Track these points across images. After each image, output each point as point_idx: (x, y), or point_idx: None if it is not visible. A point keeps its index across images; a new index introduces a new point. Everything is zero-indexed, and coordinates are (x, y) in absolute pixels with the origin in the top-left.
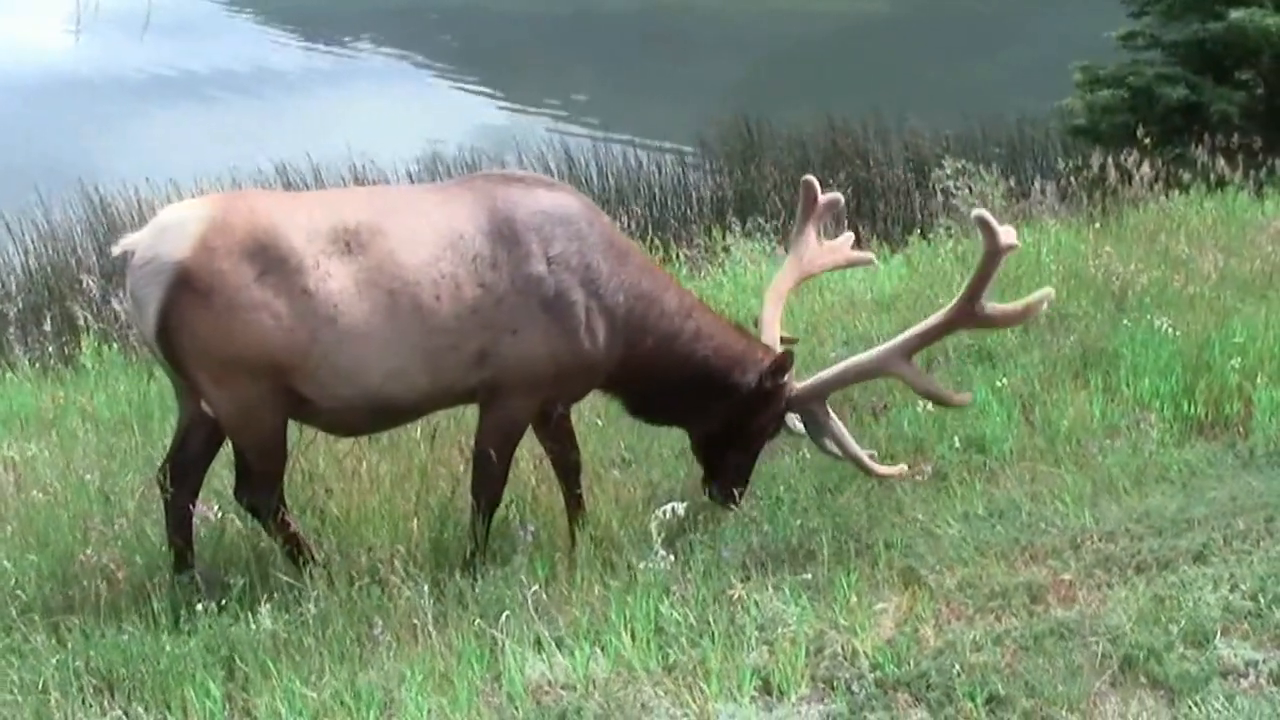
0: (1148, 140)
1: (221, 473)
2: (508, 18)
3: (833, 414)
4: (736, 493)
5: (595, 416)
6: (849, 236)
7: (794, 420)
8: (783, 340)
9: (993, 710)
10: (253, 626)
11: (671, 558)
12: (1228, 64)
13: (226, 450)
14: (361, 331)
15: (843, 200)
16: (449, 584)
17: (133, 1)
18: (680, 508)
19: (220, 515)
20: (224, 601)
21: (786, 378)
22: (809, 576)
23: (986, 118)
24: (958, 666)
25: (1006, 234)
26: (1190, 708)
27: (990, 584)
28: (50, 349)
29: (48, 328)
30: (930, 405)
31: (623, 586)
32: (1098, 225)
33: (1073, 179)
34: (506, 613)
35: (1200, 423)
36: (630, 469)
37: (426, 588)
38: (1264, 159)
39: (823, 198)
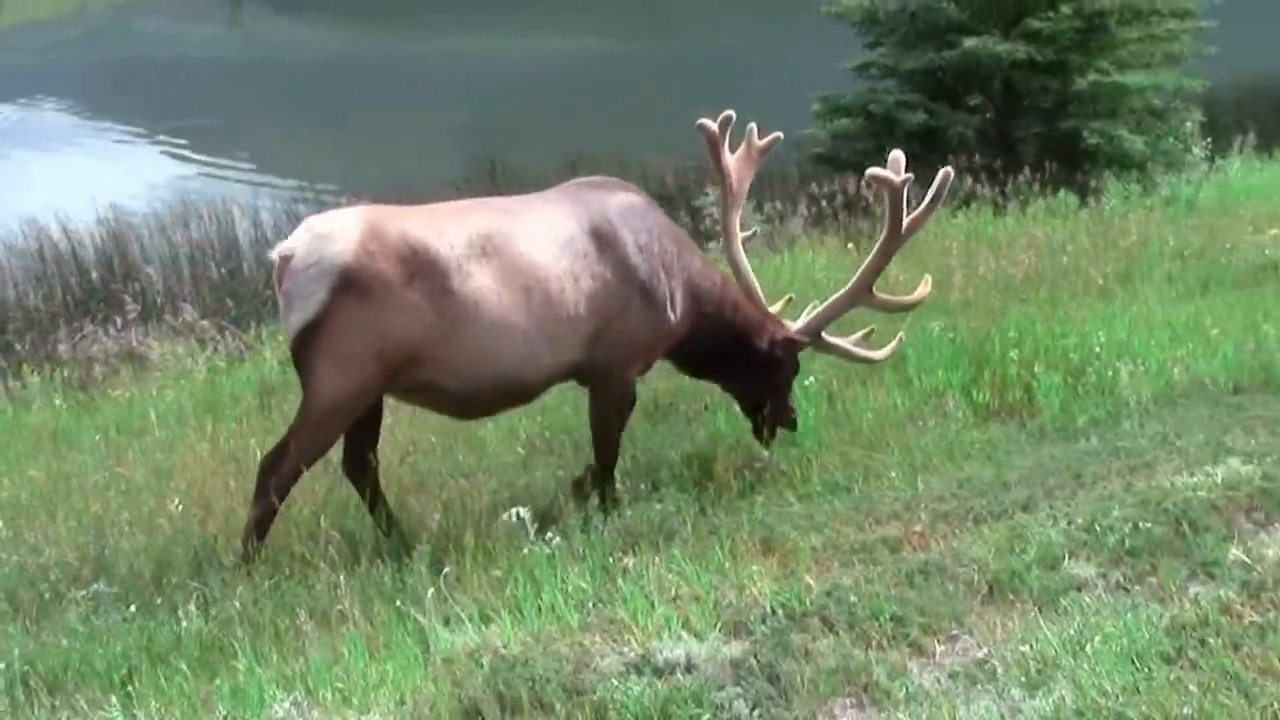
0: None
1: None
2: (199, 70)
3: (831, 338)
4: (786, 422)
5: (430, 434)
6: (750, 131)
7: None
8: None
9: (896, 628)
10: (180, 626)
11: (557, 539)
12: (960, 90)
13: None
14: (504, 323)
15: (733, 114)
16: (357, 574)
17: None
18: (524, 512)
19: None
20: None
21: (792, 337)
22: (676, 553)
23: None
24: (853, 597)
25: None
26: (1060, 611)
27: (849, 541)
28: None
29: None
30: (737, 408)
31: (519, 566)
32: (851, 245)
33: (824, 204)
34: (431, 590)
35: (989, 408)
36: (473, 478)
37: (343, 577)
38: (1004, 177)
39: (717, 122)
